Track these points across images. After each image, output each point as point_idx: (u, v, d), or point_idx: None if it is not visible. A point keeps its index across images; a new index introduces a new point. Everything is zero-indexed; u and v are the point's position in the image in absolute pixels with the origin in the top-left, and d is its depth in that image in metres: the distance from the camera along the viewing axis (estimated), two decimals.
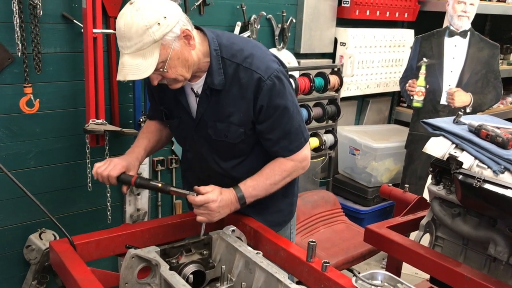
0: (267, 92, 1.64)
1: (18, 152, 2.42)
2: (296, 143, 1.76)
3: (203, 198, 1.64)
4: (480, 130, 1.83)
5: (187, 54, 1.58)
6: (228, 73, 1.66)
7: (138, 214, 2.87)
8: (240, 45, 1.69)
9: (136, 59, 1.50)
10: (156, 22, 1.47)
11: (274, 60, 1.70)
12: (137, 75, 1.51)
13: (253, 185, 1.74)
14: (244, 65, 1.64)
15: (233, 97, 1.68)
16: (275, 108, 1.67)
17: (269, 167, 1.77)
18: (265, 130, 1.72)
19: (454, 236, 2.02)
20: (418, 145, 3.43)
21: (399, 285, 1.36)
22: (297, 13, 3.42)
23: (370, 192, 3.82)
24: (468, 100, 3.41)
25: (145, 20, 1.46)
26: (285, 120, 1.71)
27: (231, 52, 1.66)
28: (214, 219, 1.70)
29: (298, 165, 1.79)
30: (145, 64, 1.50)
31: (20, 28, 2.21)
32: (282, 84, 1.67)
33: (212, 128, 1.74)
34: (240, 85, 1.66)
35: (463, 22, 3.39)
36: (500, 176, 1.70)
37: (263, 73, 1.63)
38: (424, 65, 3.47)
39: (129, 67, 1.50)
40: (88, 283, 1.39)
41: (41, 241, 2.47)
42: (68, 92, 2.49)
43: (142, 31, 1.46)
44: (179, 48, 1.55)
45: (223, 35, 1.71)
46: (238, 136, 1.73)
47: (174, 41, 1.53)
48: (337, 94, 3.50)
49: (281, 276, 1.46)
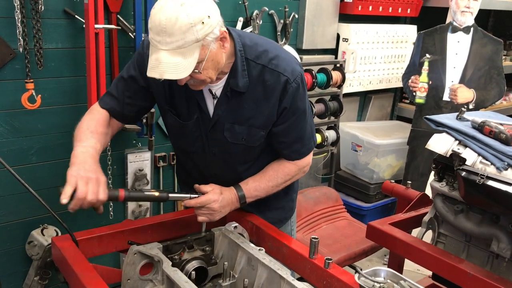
0: (291, 94, 1.63)
1: (20, 148, 2.41)
2: (308, 147, 1.78)
3: (204, 199, 1.63)
4: (483, 126, 1.82)
5: (220, 57, 1.52)
6: (253, 75, 1.61)
7: (140, 210, 2.87)
8: (263, 46, 1.65)
9: (175, 56, 1.40)
10: (201, 20, 1.39)
11: (297, 63, 1.69)
12: (176, 75, 1.41)
13: (255, 186, 1.75)
14: (270, 67, 1.61)
15: (256, 100, 1.64)
16: (295, 111, 1.67)
17: (273, 169, 1.77)
18: (281, 132, 1.71)
19: (456, 232, 2.02)
20: (421, 142, 3.42)
21: (402, 282, 1.36)
22: (299, 8, 3.41)
23: (372, 189, 3.81)
24: (471, 96, 3.39)
25: (191, 18, 1.37)
26: (302, 124, 1.72)
27: (256, 54, 1.61)
28: (216, 219, 1.69)
29: (301, 169, 1.81)
30: (184, 64, 1.41)
31: (22, 24, 2.21)
32: (303, 87, 1.68)
33: (229, 130, 1.68)
34: (264, 87, 1.62)
35: (466, 17, 3.38)
36: (504, 172, 1.70)
37: (290, 76, 1.61)
38: (427, 61, 3.45)
39: (167, 65, 1.40)
40: (90, 279, 1.39)
41: (43, 237, 2.47)
42: (70, 88, 2.49)
43: (186, 28, 1.37)
44: (215, 50, 1.48)
45: (245, 35, 1.66)
46: (258, 139, 1.70)
47: (213, 43, 1.45)
48: (339, 90, 3.49)
49: (283, 272, 1.46)
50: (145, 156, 2.81)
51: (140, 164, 2.80)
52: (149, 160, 2.83)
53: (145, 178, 2.82)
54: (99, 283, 1.38)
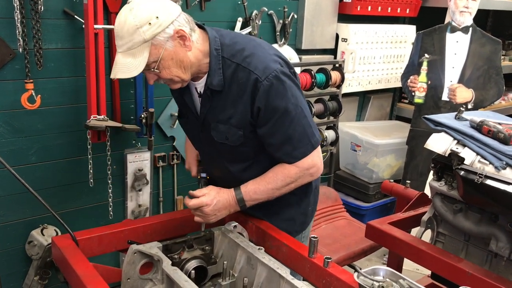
0: (263, 93, 1.57)
1: (19, 148, 2.42)
2: (301, 149, 1.66)
3: (196, 202, 1.63)
4: (482, 126, 1.82)
5: (182, 55, 1.55)
6: (228, 73, 1.62)
7: (140, 210, 2.87)
8: (242, 44, 1.64)
9: (126, 58, 1.50)
10: (147, 22, 1.46)
11: (275, 60, 1.62)
12: (126, 74, 1.51)
13: (254, 188, 1.69)
14: (243, 65, 1.59)
15: (232, 99, 1.63)
16: (273, 110, 1.60)
17: (273, 171, 1.71)
18: (266, 134, 1.65)
19: (455, 232, 2.03)
20: (420, 141, 3.42)
21: (401, 281, 1.36)
22: (298, 8, 3.41)
23: (372, 188, 3.82)
24: (469, 96, 3.40)
25: (136, 20, 1.46)
26: (287, 124, 1.62)
27: (232, 52, 1.61)
28: (210, 221, 1.68)
29: (304, 172, 1.70)
30: (134, 63, 1.50)
31: (21, 24, 2.21)
32: (282, 85, 1.59)
33: (215, 130, 1.70)
34: (238, 86, 1.61)
35: (465, 17, 3.38)
36: (502, 172, 1.70)
37: (260, 74, 1.57)
38: (425, 61, 3.45)
39: (120, 66, 1.51)
40: (90, 278, 1.40)
41: (43, 236, 2.47)
42: (69, 88, 2.49)
43: (132, 30, 1.46)
44: (172, 49, 1.53)
45: (228, 35, 1.67)
46: (238, 139, 1.68)
47: (167, 42, 1.51)
48: (338, 90, 3.49)
49: (283, 271, 1.47)
50: (145, 156, 2.81)
51: (140, 164, 2.80)
52: (148, 160, 2.83)
53: (145, 178, 2.83)
54: (99, 283, 1.39)
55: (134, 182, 2.80)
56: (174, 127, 2.90)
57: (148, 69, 1.54)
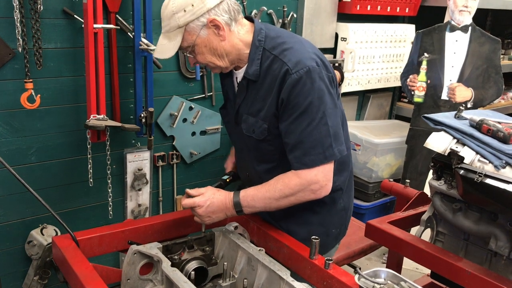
0: (289, 85, 1.55)
1: (19, 148, 2.41)
2: (312, 157, 1.57)
3: (188, 202, 1.63)
4: (481, 125, 1.83)
5: (216, 44, 1.61)
6: (265, 64, 1.63)
7: (139, 209, 2.87)
8: (284, 38, 1.66)
9: (164, 39, 1.62)
10: (183, 8, 1.55)
11: (312, 58, 1.59)
12: (161, 54, 1.63)
13: (253, 194, 1.64)
14: (279, 57, 1.60)
15: (265, 90, 1.63)
16: (294, 106, 1.56)
17: (275, 178, 1.64)
18: (284, 131, 1.61)
19: (455, 231, 2.03)
20: (419, 140, 3.42)
21: (402, 283, 1.36)
22: (298, 8, 3.41)
23: (371, 188, 3.82)
24: (469, 95, 3.40)
25: (174, 6, 1.56)
26: (304, 125, 1.56)
27: (273, 44, 1.64)
28: (206, 223, 1.68)
29: (305, 185, 1.59)
30: (169, 46, 1.61)
31: (21, 24, 2.20)
32: (311, 83, 1.55)
33: (245, 122, 1.70)
34: (272, 77, 1.61)
35: (465, 17, 3.38)
36: (502, 171, 1.70)
37: (292, 66, 1.56)
38: (425, 60, 3.46)
39: (159, 46, 1.63)
40: (90, 279, 1.40)
41: (43, 236, 2.47)
42: (69, 88, 2.49)
43: (170, 15, 1.57)
44: (206, 36, 1.60)
45: (274, 28, 1.72)
46: (262, 132, 1.66)
47: (201, 29, 1.58)
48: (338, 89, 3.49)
49: (283, 273, 1.47)
50: (144, 156, 2.81)
51: (139, 163, 2.80)
52: (148, 159, 2.83)
53: (144, 177, 2.83)
54: (98, 283, 1.39)
55: (134, 182, 2.80)
56: (174, 126, 2.90)
57: (184, 52, 1.66)
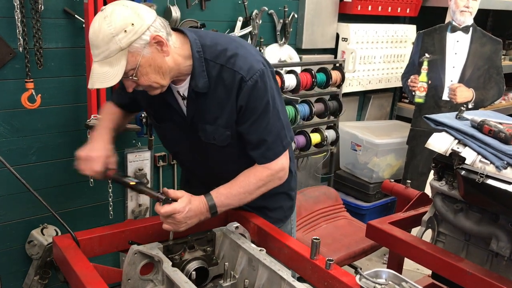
0: (247, 92, 1.59)
1: (19, 148, 2.41)
2: (274, 151, 1.69)
3: (169, 209, 1.57)
4: (482, 125, 1.82)
5: (160, 61, 1.53)
6: (212, 75, 1.61)
7: (140, 209, 2.87)
8: (223, 45, 1.63)
9: (103, 67, 1.47)
10: (123, 29, 1.43)
11: (258, 60, 1.64)
12: (104, 84, 1.48)
13: (226, 193, 1.66)
14: (227, 66, 1.60)
15: (218, 99, 1.64)
16: (253, 110, 1.62)
17: (244, 174, 1.70)
18: (244, 132, 1.67)
19: (456, 231, 2.02)
20: (420, 141, 3.42)
21: (404, 283, 1.35)
22: (299, 8, 3.41)
23: (372, 188, 3.82)
24: (470, 95, 3.39)
25: (112, 28, 1.42)
26: (263, 125, 1.65)
27: (215, 53, 1.61)
28: (181, 229, 1.62)
29: (274, 175, 1.71)
30: (112, 72, 1.47)
31: (22, 23, 2.20)
32: (264, 85, 1.62)
33: (202, 131, 1.70)
34: (224, 86, 1.61)
35: (466, 17, 3.38)
36: (503, 171, 1.70)
37: (245, 73, 1.58)
38: (426, 60, 3.45)
39: (97, 75, 1.48)
40: (90, 279, 1.39)
41: (43, 236, 2.47)
42: (69, 88, 2.49)
43: (108, 39, 1.43)
44: (150, 55, 1.50)
45: (207, 36, 1.66)
46: (225, 139, 1.69)
47: (144, 48, 1.48)
48: (339, 89, 3.49)
49: (284, 273, 1.46)
50: (145, 156, 2.81)
51: (140, 163, 2.80)
52: (148, 159, 2.83)
53: (145, 177, 2.82)
54: (99, 283, 1.38)
55: None
56: None
57: (126, 77, 1.51)
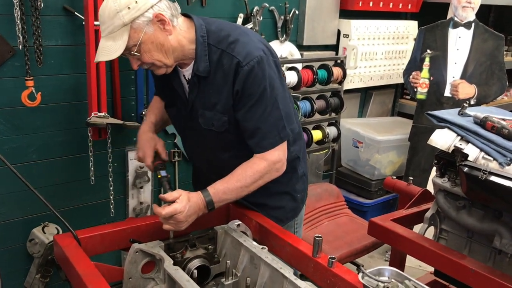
0: (243, 77, 1.60)
1: (20, 146, 2.41)
2: (270, 140, 1.68)
3: (169, 211, 1.56)
4: (485, 122, 1.81)
5: (163, 39, 1.58)
6: (213, 59, 1.65)
7: (141, 207, 2.87)
8: (227, 31, 1.66)
9: (108, 41, 1.55)
10: (127, 6, 1.51)
11: (259, 48, 1.64)
12: (106, 57, 1.56)
13: (223, 188, 1.66)
14: (227, 51, 1.62)
15: (217, 85, 1.66)
16: (249, 96, 1.63)
17: (241, 167, 1.69)
18: (241, 119, 1.67)
19: (458, 228, 2.02)
20: (422, 138, 3.41)
21: (407, 281, 1.35)
22: (299, 4, 3.39)
23: (374, 185, 3.81)
24: (472, 92, 3.38)
25: (116, 4, 1.51)
26: (259, 112, 1.64)
27: (218, 39, 1.64)
28: (182, 228, 1.62)
29: (271, 166, 1.70)
30: (114, 47, 1.55)
31: (21, 21, 2.19)
32: (262, 72, 1.62)
33: (201, 116, 1.73)
34: (223, 71, 1.64)
35: (468, 13, 3.36)
36: (506, 168, 1.69)
37: (242, 58, 1.60)
38: (428, 56, 3.44)
39: (102, 49, 1.56)
40: (91, 277, 1.39)
41: (44, 234, 2.46)
42: (70, 85, 2.48)
43: (112, 14, 1.51)
44: (152, 32, 1.56)
45: (214, 22, 1.70)
46: (222, 125, 1.70)
47: (147, 25, 1.55)
48: (340, 86, 3.48)
49: (286, 271, 1.46)
50: None
51: None
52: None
53: (146, 175, 2.82)
54: (100, 281, 1.38)
55: (135, 180, 2.79)
56: None
57: (129, 53, 1.58)
